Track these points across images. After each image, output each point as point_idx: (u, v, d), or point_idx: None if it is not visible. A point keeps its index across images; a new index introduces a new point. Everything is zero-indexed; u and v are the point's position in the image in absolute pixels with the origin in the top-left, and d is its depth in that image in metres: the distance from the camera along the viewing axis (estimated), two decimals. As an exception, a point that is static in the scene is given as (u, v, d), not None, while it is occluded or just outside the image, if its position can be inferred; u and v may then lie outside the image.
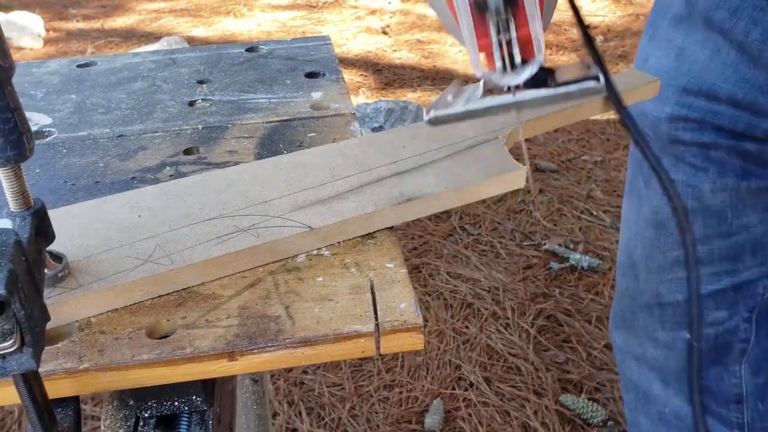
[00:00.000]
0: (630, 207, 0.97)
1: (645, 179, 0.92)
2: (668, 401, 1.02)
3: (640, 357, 1.04)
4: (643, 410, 1.07)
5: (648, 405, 1.06)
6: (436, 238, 2.14)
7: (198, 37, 4.14)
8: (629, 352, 1.06)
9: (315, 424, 1.54)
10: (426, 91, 3.22)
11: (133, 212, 0.56)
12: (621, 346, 1.07)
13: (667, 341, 0.98)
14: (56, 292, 0.47)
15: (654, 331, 0.99)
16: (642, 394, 1.06)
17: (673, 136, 0.85)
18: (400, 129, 0.66)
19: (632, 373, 1.06)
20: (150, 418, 0.51)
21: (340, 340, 0.46)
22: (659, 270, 0.94)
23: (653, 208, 0.92)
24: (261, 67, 0.90)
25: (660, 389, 1.02)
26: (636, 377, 1.06)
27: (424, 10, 4.46)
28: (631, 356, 1.05)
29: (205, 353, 0.45)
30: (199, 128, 0.75)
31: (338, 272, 0.52)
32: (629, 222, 0.97)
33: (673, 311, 0.95)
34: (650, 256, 0.94)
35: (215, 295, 0.50)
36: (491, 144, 0.62)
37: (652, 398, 1.04)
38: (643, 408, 1.07)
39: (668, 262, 0.92)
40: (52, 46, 4.13)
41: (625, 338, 1.06)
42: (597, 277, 1.94)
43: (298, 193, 0.58)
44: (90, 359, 0.44)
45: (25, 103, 0.80)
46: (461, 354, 1.71)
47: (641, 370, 1.04)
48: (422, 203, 0.56)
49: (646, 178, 0.92)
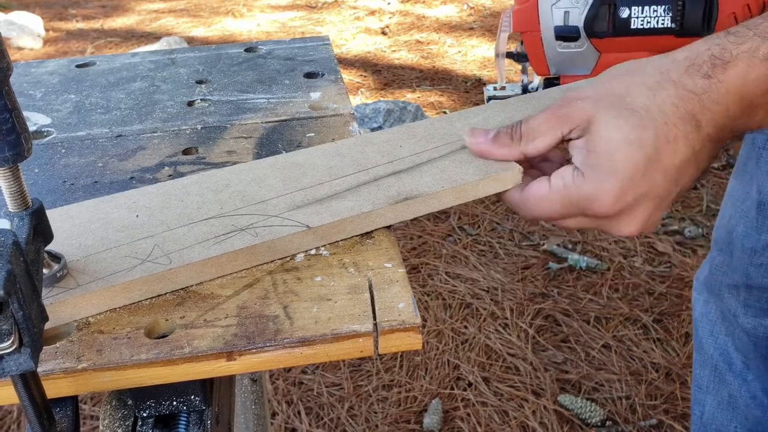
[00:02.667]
0: (738, 185, 0.96)
1: (755, 157, 0.90)
2: (744, 384, 1.01)
3: (728, 333, 1.02)
4: (714, 390, 1.06)
5: (721, 385, 1.05)
6: (435, 238, 2.14)
7: (197, 37, 4.14)
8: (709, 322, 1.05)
9: (314, 423, 1.54)
10: (425, 91, 3.22)
11: (131, 212, 0.56)
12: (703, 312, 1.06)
13: (748, 327, 0.98)
14: (55, 292, 0.47)
15: (737, 315, 0.98)
16: (719, 372, 1.04)
17: None
18: (397, 128, 0.66)
19: (713, 348, 1.05)
20: (148, 418, 0.51)
21: (339, 340, 0.46)
22: (752, 252, 0.93)
23: (758, 187, 0.90)
24: (260, 67, 0.90)
25: (740, 370, 1.01)
26: (717, 354, 1.04)
27: (423, 10, 4.46)
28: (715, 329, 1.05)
29: (204, 353, 0.45)
30: (198, 128, 0.75)
31: (337, 272, 0.52)
32: (735, 199, 0.96)
33: (758, 296, 0.95)
34: (747, 235, 0.93)
35: (214, 295, 0.50)
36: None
37: (728, 379, 1.03)
38: (714, 387, 1.06)
39: (761, 245, 0.92)
40: (51, 46, 4.13)
41: (707, 310, 1.05)
42: (595, 277, 1.95)
43: (296, 193, 0.58)
44: (88, 359, 0.45)
45: (24, 103, 0.80)
46: (460, 354, 1.71)
47: (725, 347, 1.03)
48: (420, 202, 0.57)
49: (757, 156, 0.90)
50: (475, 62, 3.56)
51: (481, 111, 0.67)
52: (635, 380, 1.62)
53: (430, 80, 3.36)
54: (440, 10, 4.47)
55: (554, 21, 0.61)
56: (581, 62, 0.61)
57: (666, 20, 0.58)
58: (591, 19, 0.59)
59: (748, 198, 0.93)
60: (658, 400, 1.57)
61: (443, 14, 4.39)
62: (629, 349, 1.71)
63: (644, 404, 1.56)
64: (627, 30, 0.59)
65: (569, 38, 0.61)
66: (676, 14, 0.58)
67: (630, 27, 0.59)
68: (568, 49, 0.62)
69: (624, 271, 1.97)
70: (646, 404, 1.56)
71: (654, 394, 1.58)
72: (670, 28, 0.58)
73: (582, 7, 0.60)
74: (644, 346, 1.71)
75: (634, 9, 0.58)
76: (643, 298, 1.87)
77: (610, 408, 1.55)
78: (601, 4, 0.59)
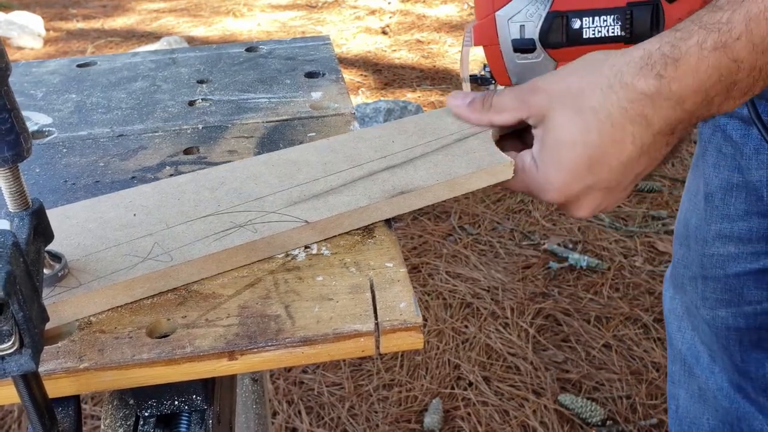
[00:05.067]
0: (693, 179, 0.99)
1: (702, 151, 0.93)
2: (711, 377, 1.02)
3: (694, 328, 1.04)
4: (685, 384, 1.08)
5: (691, 379, 1.07)
6: (436, 237, 2.14)
7: (198, 36, 4.14)
8: (676, 318, 1.07)
9: (314, 423, 1.54)
10: (425, 91, 3.22)
11: (128, 211, 0.56)
12: (670, 308, 1.09)
13: (707, 319, 0.99)
14: (57, 291, 0.47)
15: (698, 308, 1.00)
16: (687, 366, 1.06)
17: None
18: (388, 124, 0.67)
19: (681, 343, 1.07)
20: (150, 418, 0.51)
21: (340, 340, 0.46)
22: (704, 242, 0.95)
23: (705, 179, 0.93)
24: (261, 66, 0.90)
25: (707, 363, 1.03)
26: (685, 348, 1.06)
27: (423, 10, 4.46)
28: (682, 325, 1.06)
29: (205, 352, 0.45)
30: (199, 128, 0.75)
31: (338, 272, 0.52)
32: (690, 193, 0.99)
33: (713, 287, 0.96)
34: (699, 227, 0.96)
35: (215, 295, 0.50)
36: (478, 137, 0.63)
37: (697, 373, 1.05)
38: (685, 382, 1.08)
39: (711, 235, 0.93)
40: (52, 45, 4.13)
41: (674, 306, 1.07)
42: (596, 277, 1.95)
43: (292, 189, 0.58)
44: (90, 359, 0.45)
45: (25, 103, 0.80)
46: (460, 353, 1.71)
47: (692, 341, 1.05)
48: (415, 196, 0.57)
49: (702, 150, 0.93)
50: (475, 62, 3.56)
51: None
52: (636, 380, 1.62)
53: (430, 80, 3.36)
54: (440, 10, 4.47)
55: (511, 35, 0.64)
56: (540, 71, 0.64)
57: (616, 29, 0.61)
58: (545, 32, 0.62)
59: (699, 191, 0.95)
60: (659, 399, 1.57)
61: (443, 14, 4.39)
62: (630, 348, 1.71)
63: (645, 404, 1.56)
64: (579, 40, 0.62)
65: (526, 50, 0.64)
66: (625, 23, 0.61)
67: (582, 37, 0.62)
68: (526, 60, 0.65)
69: (624, 271, 1.97)
70: (646, 404, 1.56)
71: (654, 393, 1.58)
72: (621, 36, 0.61)
73: (536, 20, 0.62)
74: (645, 346, 1.71)
75: (585, 20, 0.61)
76: (643, 298, 1.86)
77: (610, 407, 1.55)
78: (554, 18, 0.62)
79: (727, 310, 0.96)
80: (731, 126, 0.86)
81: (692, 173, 0.99)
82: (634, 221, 2.20)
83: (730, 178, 0.89)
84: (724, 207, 0.91)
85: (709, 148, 0.91)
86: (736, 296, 0.94)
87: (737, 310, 0.95)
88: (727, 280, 0.94)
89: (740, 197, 0.89)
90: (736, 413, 1.01)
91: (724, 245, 0.92)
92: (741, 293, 0.93)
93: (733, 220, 0.90)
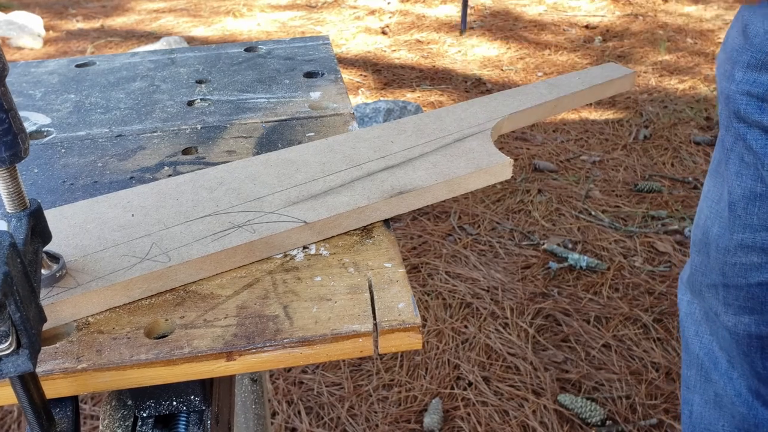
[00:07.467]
0: (713, 186, 0.98)
1: (725, 158, 0.93)
2: (729, 383, 1.02)
3: (712, 333, 1.04)
4: (701, 389, 1.07)
5: (707, 384, 1.06)
6: (435, 237, 2.14)
7: (197, 36, 4.14)
8: (694, 322, 1.06)
9: (314, 423, 1.54)
10: (425, 91, 3.22)
11: (126, 212, 0.56)
12: (688, 312, 1.08)
13: (729, 325, 0.98)
14: (55, 292, 0.47)
15: (718, 314, 1.00)
16: (704, 372, 1.06)
17: (737, 111, 0.85)
18: (387, 125, 0.67)
19: (698, 348, 1.06)
20: (148, 418, 0.51)
21: (339, 340, 0.46)
22: (726, 251, 0.95)
23: (728, 188, 0.92)
24: (260, 66, 0.90)
25: (725, 368, 1.02)
26: (702, 353, 1.06)
27: (423, 10, 4.46)
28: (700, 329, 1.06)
29: (204, 353, 0.45)
30: (198, 128, 0.75)
31: (336, 272, 0.52)
32: (711, 200, 0.98)
33: (736, 295, 0.96)
34: (721, 236, 0.95)
35: (213, 295, 0.50)
36: (477, 137, 0.63)
37: (714, 378, 1.05)
38: (701, 387, 1.07)
39: (733, 244, 0.93)
40: (51, 45, 4.13)
41: (692, 310, 1.07)
42: (596, 277, 1.94)
43: (291, 189, 0.58)
44: (88, 359, 0.44)
45: (24, 103, 0.80)
46: (460, 353, 1.71)
47: (710, 346, 1.05)
48: (414, 196, 0.57)
49: (725, 157, 0.92)
50: (475, 62, 3.56)
51: (469, 106, 0.69)
52: (635, 380, 1.62)
53: (430, 80, 3.36)
54: (440, 10, 4.47)
55: None
56: None
57: None
58: None
59: (722, 199, 0.94)
60: (658, 399, 1.57)
61: (443, 14, 4.39)
62: (629, 348, 1.70)
63: (644, 404, 1.56)
64: None
65: None
66: None
67: None
68: None
69: (624, 271, 1.96)
70: (646, 404, 1.56)
71: (654, 393, 1.58)
72: None
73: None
74: (644, 346, 1.71)
75: None
76: (643, 298, 1.86)
77: (610, 407, 1.55)
78: None
79: (750, 317, 0.95)
80: (751, 136, 0.86)
81: (712, 179, 0.98)
82: (634, 221, 2.20)
83: (753, 188, 0.88)
84: (746, 216, 0.90)
85: (731, 156, 0.90)
86: (759, 304, 0.93)
87: (760, 318, 0.94)
88: (750, 289, 0.93)
89: (763, 207, 0.88)
90: (754, 420, 1.01)
91: (747, 255, 0.91)
92: (764, 302, 0.93)
93: (756, 230, 0.89)
